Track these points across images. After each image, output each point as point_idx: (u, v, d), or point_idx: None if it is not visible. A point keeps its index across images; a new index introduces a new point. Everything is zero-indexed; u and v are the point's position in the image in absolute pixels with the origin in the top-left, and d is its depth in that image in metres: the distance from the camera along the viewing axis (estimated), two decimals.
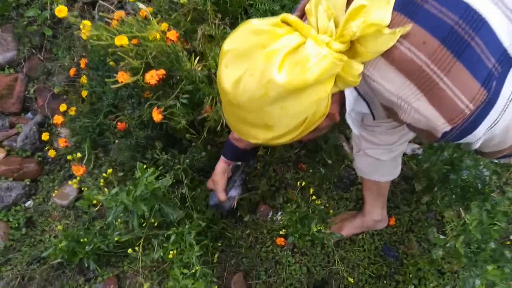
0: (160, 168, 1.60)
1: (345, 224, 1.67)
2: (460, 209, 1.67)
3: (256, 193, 1.81)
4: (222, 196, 1.55)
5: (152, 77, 1.42)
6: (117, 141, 1.70)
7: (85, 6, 2.34)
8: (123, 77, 1.43)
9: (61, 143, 1.66)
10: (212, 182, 1.57)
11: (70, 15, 2.23)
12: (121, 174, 1.73)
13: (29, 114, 2.18)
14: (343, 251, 1.67)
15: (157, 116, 1.49)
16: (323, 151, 1.83)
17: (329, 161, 1.80)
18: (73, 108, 1.89)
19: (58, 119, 1.72)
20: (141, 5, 1.60)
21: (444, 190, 1.67)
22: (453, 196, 1.64)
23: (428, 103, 0.73)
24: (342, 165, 1.83)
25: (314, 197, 1.47)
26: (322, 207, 1.47)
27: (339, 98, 0.86)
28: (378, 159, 1.34)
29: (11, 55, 2.25)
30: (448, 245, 1.35)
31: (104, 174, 1.32)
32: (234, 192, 1.63)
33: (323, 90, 0.76)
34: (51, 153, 1.88)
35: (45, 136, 1.89)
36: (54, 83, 2.16)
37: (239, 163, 1.65)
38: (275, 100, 0.74)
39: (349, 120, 0.94)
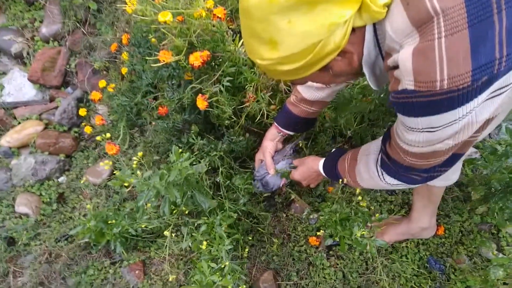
0: (195, 154, 1.54)
1: (388, 229, 1.53)
2: None
3: (292, 188, 1.70)
4: (269, 163, 1.45)
5: (197, 59, 1.33)
6: (153, 122, 1.64)
7: None
8: (165, 56, 1.35)
9: (98, 120, 1.62)
10: (260, 151, 1.49)
11: None
12: (156, 157, 1.67)
13: (69, 89, 2.17)
14: (384, 258, 1.53)
15: (202, 103, 1.39)
16: None
17: None
18: (112, 85, 1.85)
19: (95, 95, 1.67)
20: None
21: (504, 201, 1.49)
22: None
23: (411, 54, 0.67)
24: None
25: (360, 197, 1.34)
26: (366, 209, 1.34)
27: (360, 40, 0.76)
28: None
29: (56, 28, 2.24)
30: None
31: (135, 158, 1.24)
32: (283, 164, 1.48)
33: (338, 12, 0.69)
34: (87, 130, 1.85)
35: (82, 112, 1.85)
36: (95, 59, 2.13)
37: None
38: (283, 9, 0.69)
39: (365, 68, 0.83)
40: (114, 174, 1.49)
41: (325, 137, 1.72)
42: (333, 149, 1.29)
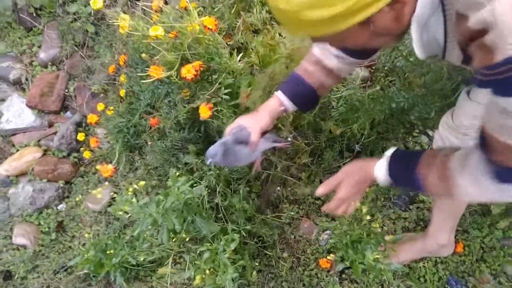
0: (195, 175, 1.47)
1: (403, 247, 1.43)
2: None
3: (300, 208, 1.62)
4: (256, 137, 1.07)
5: (189, 71, 1.27)
6: (150, 142, 1.58)
7: (128, 1, 2.28)
8: (155, 72, 1.29)
9: (93, 143, 1.58)
10: (242, 120, 1.11)
11: (114, 10, 2.18)
12: (155, 181, 1.61)
13: (68, 113, 2.13)
14: (400, 280, 1.43)
15: (205, 112, 1.30)
16: None
17: None
18: (111, 108, 1.81)
19: (92, 118, 1.64)
20: None
21: None
22: None
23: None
24: None
25: (369, 217, 1.25)
26: (379, 230, 1.25)
27: None
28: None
29: (54, 52, 2.23)
30: None
31: (135, 186, 1.17)
32: (265, 144, 1.18)
33: None
34: (86, 155, 1.81)
35: (80, 137, 1.82)
36: (93, 82, 2.10)
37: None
38: None
39: (414, 28, 0.68)
40: (114, 199, 1.44)
41: (332, 153, 1.64)
42: (391, 151, 0.94)
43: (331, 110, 1.59)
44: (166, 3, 2.18)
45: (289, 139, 1.31)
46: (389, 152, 0.93)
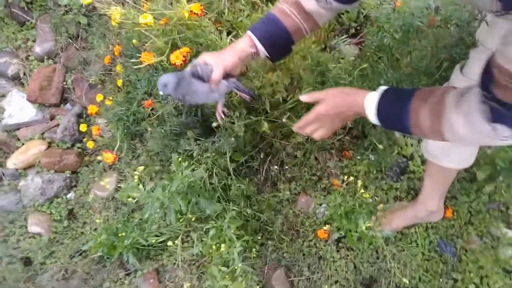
0: (195, 159, 1.55)
1: (395, 215, 1.53)
2: None
3: (297, 184, 1.71)
4: (218, 76, 1.01)
5: (177, 57, 1.32)
6: (149, 129, 1.65)
7: None
8: (147, 58, 1.35)
9: (95, 131, 1.64)
10: (207, 57, 1.04)
11: (105, 1, 2.20)
12: (158, 166, 1.68)
13: (68, 105, 2.19)
14: (393, 246, 1.53)
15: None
16: (372, 136, 1.68)
17: (380, 146, 1.62)
18: (110, 98, 1.86)
19: (92, 109, 1.70)
20: None
21: (510, 179, 1.48)
22: None
23: None
24: (393, 152, 1.66)
25: (362, 189, 1.33)
26: (370, 200, 1.34)
27: None
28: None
29: (49, 45, 2.26)
30: None
31: (136, 172, 1.25)
32: (227, 87, 1.11)
33: None
34: (90, 144, 1.87)
35: (83, 127, 1.88)
36: (90, 73, 2.15)
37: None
38: None
39: None
40: (120, 186, 1.52)
41: None
42: (384, 88, 0.90)
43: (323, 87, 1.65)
44: None
45: (251, 92, 1.21)
46: (383, 87, 0.91)
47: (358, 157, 1.69)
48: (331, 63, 1.66)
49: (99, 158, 1.77)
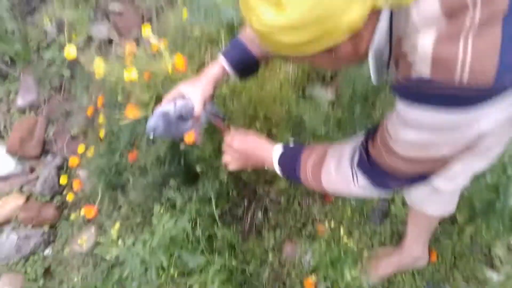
0: (177, 209, 1.53)
1: (380, 262, 1.51)
2: (511, 240, 1.50)
3: (282, 231, 1.69)
4: (200, 105, 1.07)
5: None
6: (131, 180, 1.63)
7: (102, 44, 2.35)
8: (131, 112, 1.36)
9: (75, 185, 1.61)
10: (183, 87, 1.10)
11: (88, 54, 2.25)
12: (139, 218, 1.65)
13: (49, 157, 2.16)
14: None
15: (189, 137, 1.35)
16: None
17: None
18: (91, 149, 1.85)
19: (73, 161, 1.68)
20: (151, 39, 1.55)
21: (488, 220, 1.50)
22: (501, 226, 1.47)
23: (434, 40, 0.61)
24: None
25: (346, 237, 1.33)
26: (355, 248, 1.33)
27: (373, 23, 0.69)
28: (437, 188, 1.13)
29: (32, 97, 2.27)
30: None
31: (112, 231, 1.22)
32: (205, 116, 1.15)
33: None
34: (69, 197, 1.83)
35: (63, 180, 1.85)
36: (72, 124, 2.15)
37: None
38: None
39: (371, 57, 0.76)
40: (99, 241, 1.47)
41: None
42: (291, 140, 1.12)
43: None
44: (137, 43, 2.27)
45: (223, 116, 1.25)
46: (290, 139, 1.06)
47: (340, 202, 1.70)
48: (307, 112, 1.71)
49: (77, 213, 1.73)
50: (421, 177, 0.85)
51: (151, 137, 1.06)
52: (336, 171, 0.92)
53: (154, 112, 1.07)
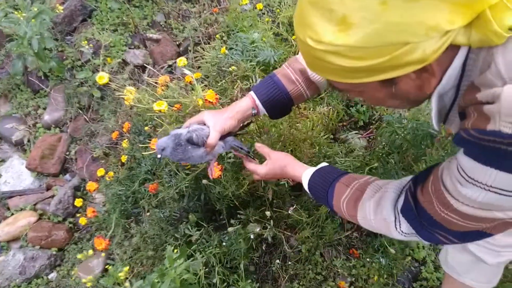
0: (193, 247, 1.44)
1: None
2: None
3: (300, 284, 1.56)
4: (214, 137, 1.00)
5: None
6: (148, 213, 1.56)
7: (136, 69, 2.37)
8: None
9: (89, 213, 1.55)
10: (204, 116, 1.04)
11: (121, 77, 2.26)
12: (151, 252, 1.56)
13: (67, 176, 2.13)
14: None
15: (216, 171, 1.26)
16: (383, 236, 1.57)
17: (392, 250, 1.52)
18: (111, 174, 1.81)
19: (91, 186, 1.62)
20: (186, 71, 1.53)
21: None
22: None
23: None
24: (405, 257, 1.55)
25: None
26: None
27: (448, 62, 0.60)
28: (480, 259, 1.03)
29: (58, 115, 2.27)
30: None
31: (120, 275, 1.11)
32: (223, 148, 1.09)
33: (447, 16, 0.53)
34: (82, 221, 1.77)
35: (78, 202, 1.79)
36: (95, 145, 2.12)
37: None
38: None
39: (435, 99, 0.67)
40: (107, 269, 1.38)
41: (333, 225, 1.62)
42: (324, 164, 1.00)
43: None
44: (170, 73, 2.27)
45: (247, 150, 1.18)
46: (321, 164, 1.01)
47: (368, 259, 1.57)
48: (339, 156, 1.63)
49: (86, 243, 1.65)
50: (476, 234, 0.74)
51: (159, 156, 1.01)
52: (375, 213, 0.84)
53: (170, 133, 1.04)
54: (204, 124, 1.03)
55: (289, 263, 1.63)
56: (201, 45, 2.17)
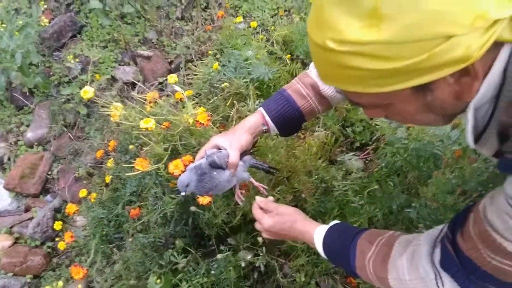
0: (178, 276, 1.33)
1: None
2: None
3: None
4: (236, 159, 0.93)
5: (177, 167, 1.18)
6: (130, 239, 1.45)
7: (125, 86, 2.30)
8: (141, 165, 1.21)
9: (67, 238, 1.43)
10: (219, 139, 0.96)
11: (109, 94, 2.19)
12: (133, 280, 1.44)
13: (49, 197, 2.01)
14: None
15: (204, 198, 1.18)
16: None
17: None
18: (94, 195, 1.70)
19: (71, 208, 1.51)
20: (176, 87, 1.46)
21: None
22: None
23: None
24: None
25: None
26: None
27: (490, 63, 0.51)
28: None
29: (42, 132, 2.17)
30: None
31: None
32: (244, 168, 1.02)
33: (497, 3, 0.45)
34: (61, 246, 1.64)
35: (57, 225, 1.67)
36: (79, 164, 2.02)
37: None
38: None
39: (471, 112, 0.55)
40: None
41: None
42: (337, 221, 0.89)
43: (329, 205, 1.51)
44: (161, 90, 2.20)
45: (268, 166, 1.11)
46: (333, 222, 0.89)
47: None
48: (336, 180, 1.55)
49: (63, 271, 1.53)
50: None
51: (183, 194, 0.93)
52: (410, 271, 0.71)
53: (186, 168, 0.96)
54: (219, 149, 0.96)
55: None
56: (193, 62, 2.11)
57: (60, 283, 1.05)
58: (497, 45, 0.49)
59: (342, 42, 0.49)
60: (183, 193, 0.93)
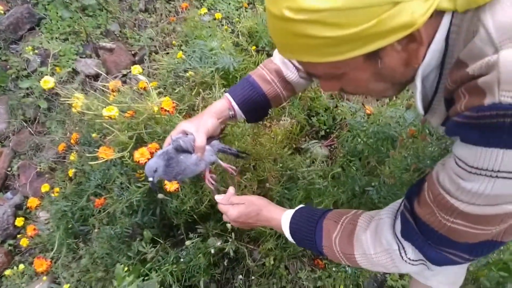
0: (147, 266, 1.33)
1: None
2: None
3: None
4: (202, 142, 0.93)
5: (142, 155, 1.18)
6: (96, 230, 1.43)
7: (87, 79, 2.24)
8: (105, 153, 1.19)
9: (30, 231, 1.39)
10: (185, 125, 0.96)
11: (70, 87, 2.13)
12: (101, 273, 1.42)
13: (9, 194, 1.93)
14: None
15: (171, 185, 1.19)
16: None
17: None
18: (57, 190, 1.65)
19: (33, 202, 1.47)
20: (140, 77, 1.44)
21: None
22: None
23: None
24: None
25: None
26: None
27: (433, 31, 0.55)
28: None
29: (0, 127, 2.08)
30: None
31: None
32: (212, 152, 1.02)
33: None
34: (23, 242, 1.59)
35: (19, 222, 1.62)
36: (41, 160, 1.95)
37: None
38: None
39: (419, 78, 0.60)
40: None
41: None
42: (301, 205, 0.91)
43: (294, 192, 1.55)
44: (125, 83, 2.17)
45: (236, 151, 1.12)
46: (299, 206, 0.91)
47: (334, 269, 1.52)
48: (302, 167, 1.59)
49: (26, 266, 1.48)
50: (486, 245, 0.65)
51: (151, 179, 0.93)
52: (375, 245, 0.74)
53: (154, 155, 0.96)
54: (186, 134, 0.96)
55: (253, 278, 1.55)
56: (158, 54, 2.09)
57: (21, 265, 1.02)
58: (439, 14, 0.53)
59: (298, 11, 0.51)
60: (150, 179, 0.92)
